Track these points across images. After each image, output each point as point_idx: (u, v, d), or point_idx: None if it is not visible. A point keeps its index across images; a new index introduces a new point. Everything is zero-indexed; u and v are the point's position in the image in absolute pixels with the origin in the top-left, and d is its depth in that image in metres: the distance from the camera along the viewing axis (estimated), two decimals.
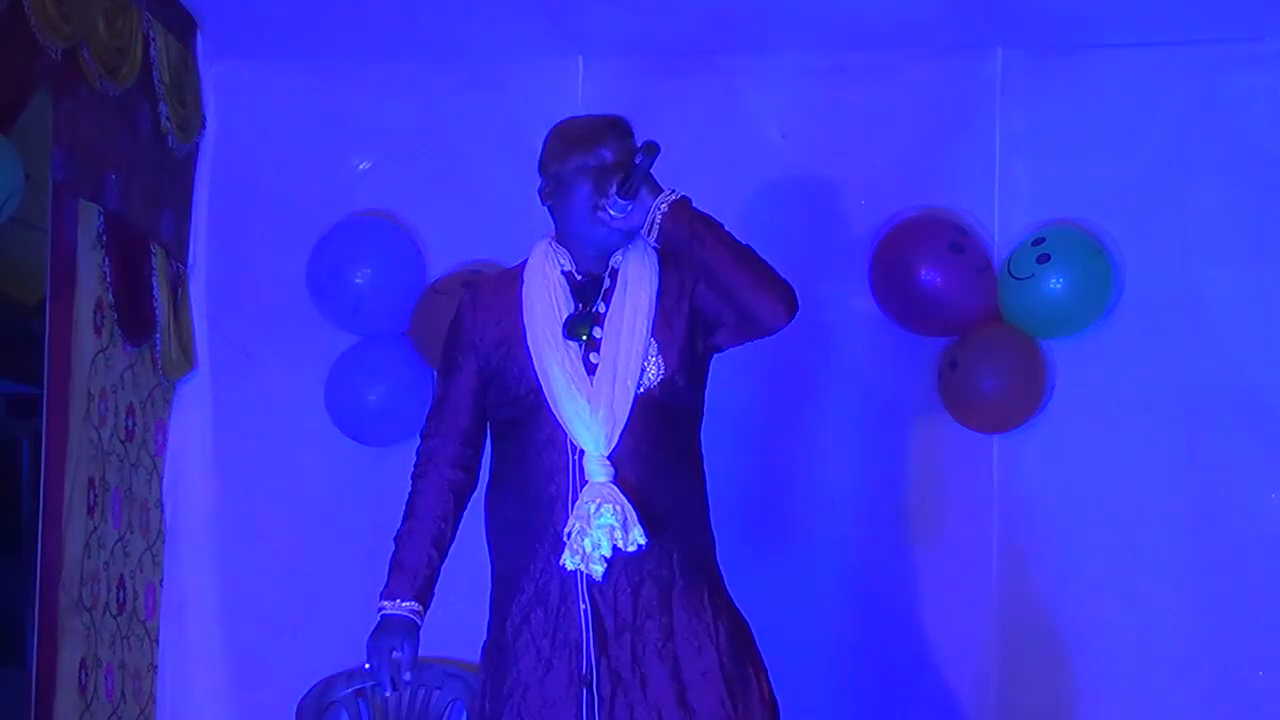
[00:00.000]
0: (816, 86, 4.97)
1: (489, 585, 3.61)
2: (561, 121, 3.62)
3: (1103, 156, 4.85)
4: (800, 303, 3.44)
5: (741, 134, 4.97)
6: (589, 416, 3.38)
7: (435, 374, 3.69)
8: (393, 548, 3.58)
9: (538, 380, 3.44)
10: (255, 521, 5.12)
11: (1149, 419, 4.78)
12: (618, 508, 3.32)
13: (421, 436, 3.64)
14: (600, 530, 3.32)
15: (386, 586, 3.53)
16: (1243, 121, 4.78)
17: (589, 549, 3.33)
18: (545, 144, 3.59)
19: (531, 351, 3.46)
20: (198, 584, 5.10)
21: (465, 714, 4.88)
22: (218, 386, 5.14)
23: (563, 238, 3.55)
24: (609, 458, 3.37)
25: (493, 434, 3.57)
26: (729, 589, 3.55)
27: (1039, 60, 4.89)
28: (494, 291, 3.61)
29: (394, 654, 3.46)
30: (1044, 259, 4.72)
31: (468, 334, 3.58)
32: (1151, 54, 4.82)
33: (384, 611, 3.51)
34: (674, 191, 3.41)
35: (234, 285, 5.17)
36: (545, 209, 3.61)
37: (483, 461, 3.63)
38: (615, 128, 3.52)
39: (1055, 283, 4.72)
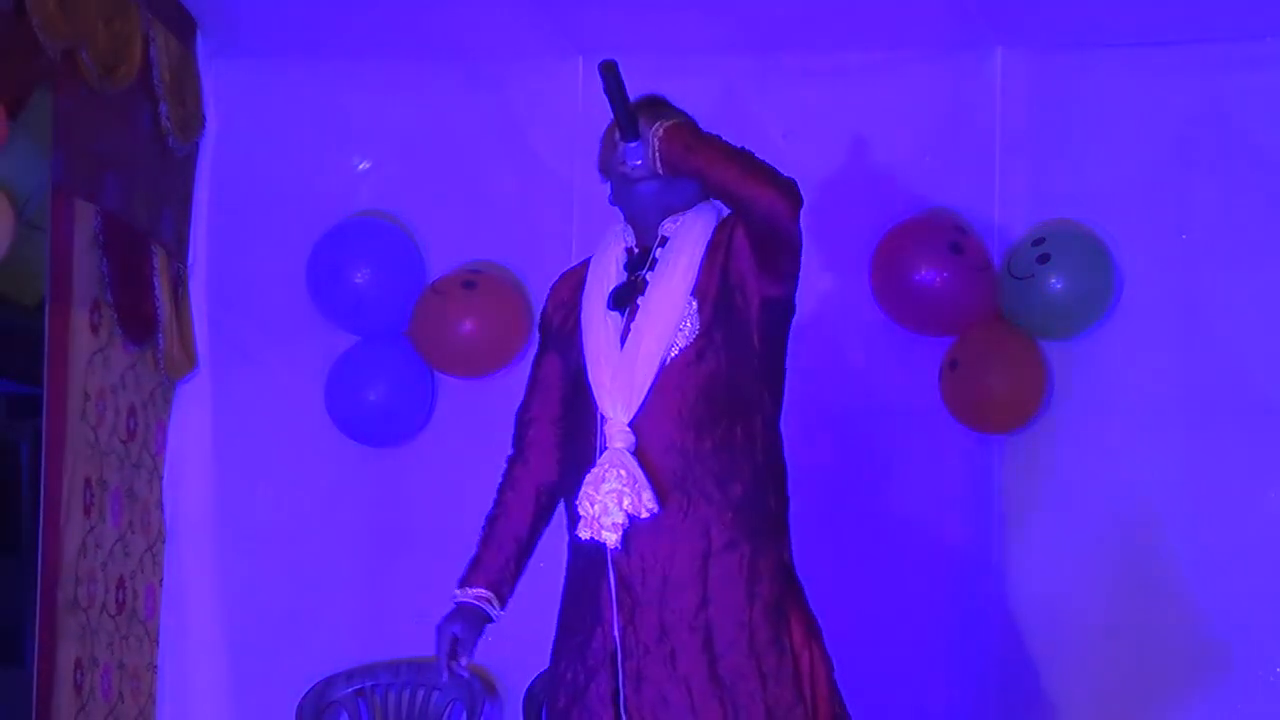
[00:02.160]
0: (816, 86, 4.97)
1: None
2: None
3: (1103, 156, 4.85)
4: (803, 198, 3.38)
5: (741, 134, 4.94)
6: (609, 383, 3.35)
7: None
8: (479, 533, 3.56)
9: (584, 355, 3.43)
10: (255, 521, 5.12)
11: (1149, 419, 4.78)
12: (623, 473, 3.27)
13: (517, 417, 3.60)
14: (608, 496, 3.28)
15: (462, 574, 3.52)
16: (1243, 121, 4.78)
17: (597, 514, 3.29)
18: None
19: (583, 328, 3.46)
20: (198, 584, 5.10)
21: (465, 714, 4.88)
22: (218, 386, 5.14)
23: (627, 218, 3.52)
24: (632, 424, 3.31)
25: None
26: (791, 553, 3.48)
27: (1039, 60, 4.89)
28: (570, 275, 3.63)
29: (454, 640, 3.43)
30: (1044, 259, 4.73)
31: (546, 318, 3.61)
32: (1151, 54, 4.82)
33: (455, 599, 3.49)
34: (669, 119, 3.40)
35: (234, 285, 5.17)
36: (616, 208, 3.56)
37: None
38: (643, 107, 3.48)
39: (1055, 283, 4.72)
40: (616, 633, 3.32)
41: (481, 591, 3.48)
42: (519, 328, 4.91)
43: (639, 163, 3.39)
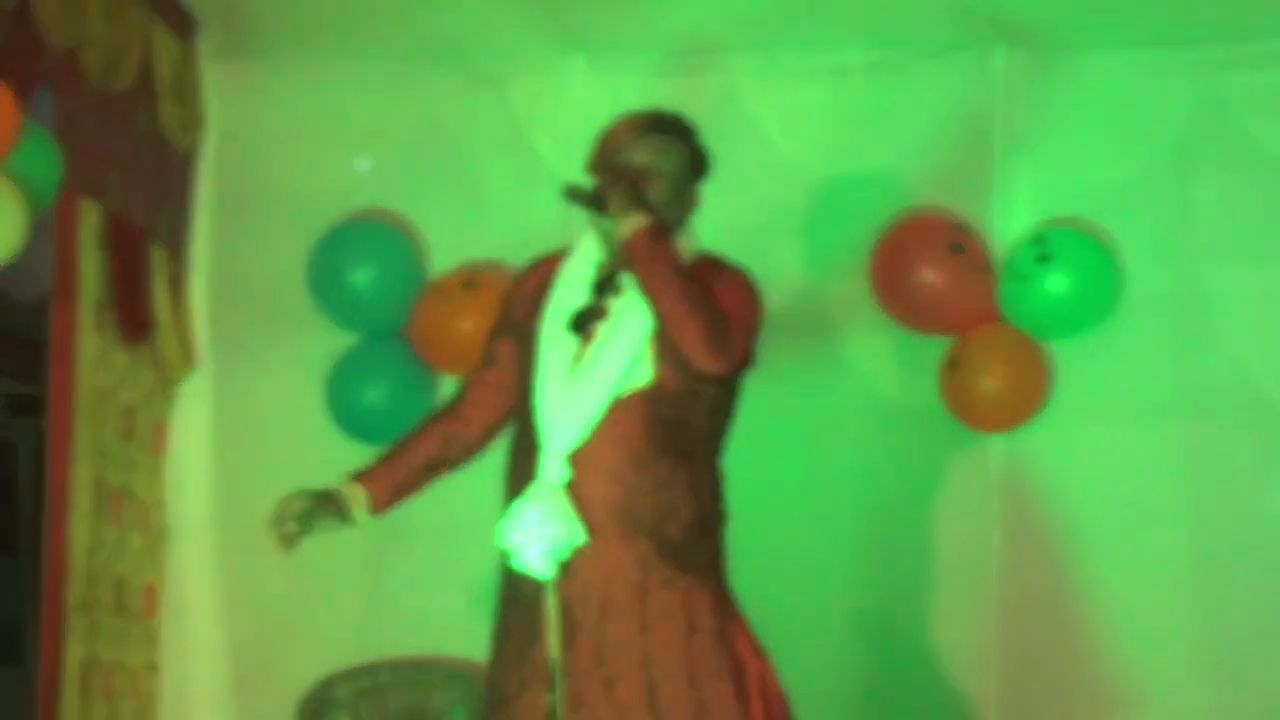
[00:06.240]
0: (817, 86, 4.97)
1: None
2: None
3: (1103, 156, 4.86)
4: (739, 359, 3.34)
5: (742, 134, 4.96)
6: (551, 415, 3.33)
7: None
8: None
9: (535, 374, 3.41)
10: (255, 521, 5.10)
11: (1149, 419, 4.78)
12: (545, 506, 3.28)
13: (463, 379, 3.62)
14: (530, 528, 3.28)
15: (358, 470, 3.54)
16: (1243, 121, 4.79)
17: (523, 547, 3.30)
18: None
19: (539, 343, 3.42)
20: (198, 583, 5.10)
21: (465, 714, 4.88)
22: (218, 386, 5.14)
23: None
24: (574, 455, 3.30)
25: None
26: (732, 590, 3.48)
27: (1039, 60, 4.89)
28: (537, 270, 3.57)
29: (297, 512, 3.49)
30: (1044, 259, 4.73)
31: (509, 305, 3.57)
32: (1151, 54, 4.82)
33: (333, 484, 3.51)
34: (641, 220, 3.32)
35: (234, 284, 5.17)
36: None
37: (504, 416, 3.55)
38: (634, 129, 3.47)
39: (1056, 283, 4.73)
40: (556, 653, 3.32)
41: (360, 491, 3.49)
42: None
43: (608, 228, 3.36)
